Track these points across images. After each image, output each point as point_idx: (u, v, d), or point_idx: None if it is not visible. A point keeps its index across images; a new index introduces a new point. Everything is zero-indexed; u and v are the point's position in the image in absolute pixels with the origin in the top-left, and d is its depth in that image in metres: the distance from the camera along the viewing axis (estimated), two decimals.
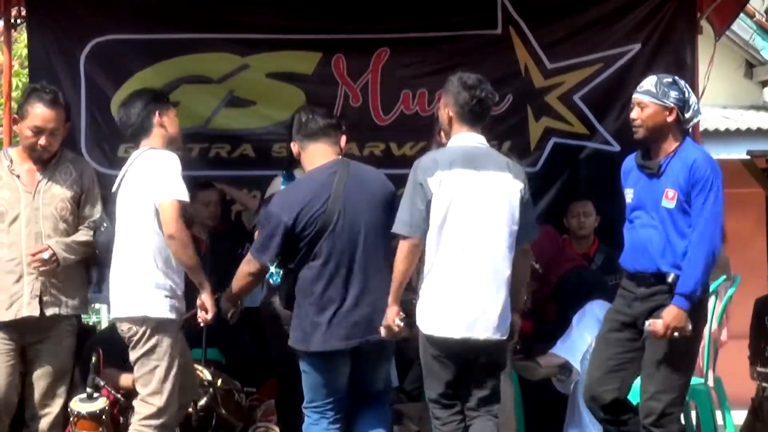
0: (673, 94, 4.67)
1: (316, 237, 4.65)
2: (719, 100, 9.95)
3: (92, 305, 9.99)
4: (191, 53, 6.88)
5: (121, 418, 5.26)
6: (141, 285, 4.70)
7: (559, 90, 6.89)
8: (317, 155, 4.82)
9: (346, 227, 4.66)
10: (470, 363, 4.60)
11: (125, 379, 5.38)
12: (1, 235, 4.98)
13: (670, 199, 4.65)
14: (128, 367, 5.50)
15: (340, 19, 6.84)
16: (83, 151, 6.84)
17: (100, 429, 5.09)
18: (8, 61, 7.13)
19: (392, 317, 4.54)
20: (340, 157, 4.85)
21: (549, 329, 5.97)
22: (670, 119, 4.66)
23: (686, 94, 4.71)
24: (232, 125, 6.93)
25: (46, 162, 5.05)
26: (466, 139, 4.67)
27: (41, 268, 4.94)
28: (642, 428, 4.69)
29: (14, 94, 8.39)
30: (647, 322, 4.57)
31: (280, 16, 6.85)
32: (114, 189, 4.90)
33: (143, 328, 4.69)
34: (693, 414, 5.76)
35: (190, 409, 5.29)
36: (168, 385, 4.70)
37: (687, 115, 4.69)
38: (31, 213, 4.98)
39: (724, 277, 5.50)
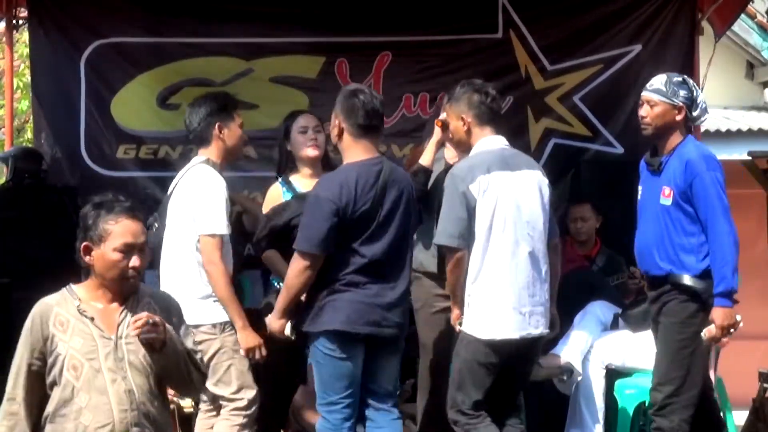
0: (683, 92, 4.73)
1: (362, 223, 4.57)
2: (720, 101, 9.95)
3: None
4: (194, 56, 6.93)
5: None
6: (190, 293, 4.67)
7: (559, 91, 6.93)
8: (363, 150, 4.70)
9: (384, 219, 4.60)
10: (514, 366, 4.72)
11: None
12: (79, 396, 3.53)
13: (666, 197, 4.72)
14: None
15: (343, 24, 6.89)
16: (83, 153, 6.89)
17: None
18: (10, 61, 7.17)
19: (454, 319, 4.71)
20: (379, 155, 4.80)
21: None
22: (678, 118, 4.74)
23: (694, 93, 4.79)
24: None
25: (125, 297, 3.63)
26: (492, 142, 4.72)
27: (146, 335, 3.50)
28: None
29: (15, 95, 8.45)
30: (702, 334, 4.70)
31: (284, 21, 6.90)
32: (169, 192, 4.92)
33: (199, 335, 4.58)
34: None
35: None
36: (249, 378, 4.72)
37: (695, 114, 4.77)
38: (115, 365, 3.54)
39: None
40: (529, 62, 6.91)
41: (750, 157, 7.55)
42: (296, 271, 4.56)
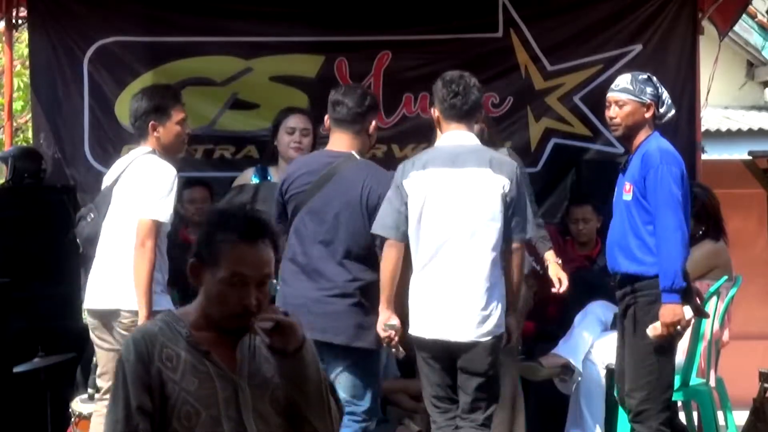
0: (649, 90, 4.72)
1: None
2: (721, 101, 9.96)
3: None
4: (195, 56, 6.92)
5: None
6: (130, 282, 4.65)
7: (559, 91, 6.93)
8: (333, 142, 4.76)
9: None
10: (453, 366, 4.54)
11: None
12: None
13: (627, 192, 4.69)
14: None
15: (342, 23, 6.89)
16: (87, 153, 6.89)
17: None
18: (9, 62, 7.17)
19: (381, 323, 4.53)
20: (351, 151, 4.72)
21: (551, 330, 5.99)
22: (647, 115, 4.71)
23: (659, 90, 4.76)
24: (236, 127, 6.96)
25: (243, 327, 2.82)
26: (451, 137, 4.60)
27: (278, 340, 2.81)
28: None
29: (15, 94, 8.43)
30: (647, 331, 4.59)
31: (284, 20, 6.89)
32: (109, 184, 4.91)
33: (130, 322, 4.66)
34: (695, 414, 5.78)
35: None
36: None
37: (662, 110, 4.74)
38: (238, 413, 2.77)
39: (725, 277, 5.51)
40: (529, 62, 6.91)
41: (750, 157, 7.55)
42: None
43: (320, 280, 4.59)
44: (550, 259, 5.38)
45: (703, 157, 7.05)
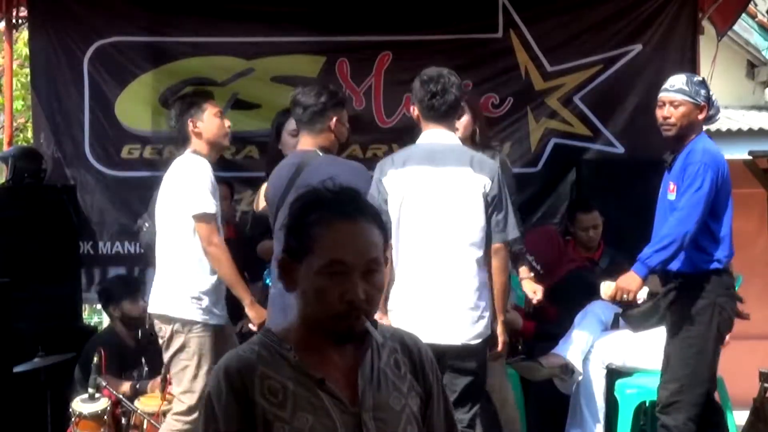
0: (703, 92, 4.76)
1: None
2: (721, 101, 9.80)
3: (93, 305, 10.07)
4: (195, 56, 6.94)
5: (123, 419, 5.29)
6: (171, 286, 4.79)
7: (559, 92, 6.94)
8: (300, 143, 4.77)
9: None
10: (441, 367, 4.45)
11: (124, 387, 5.43)
12: None
13: (671, 192, 4.73)
14: (128, 368, 5.56)
15: (343, 24, 6.91)
16: (87, 153, 6.89)
17: (102, 429, 5.12)
18: (9, 62, 7.17)
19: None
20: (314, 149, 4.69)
21: (550, 329, 5.99)
22: (701, 116, 4.75)
23: (710, 92, 4.81)
24: (237, 127, 6.92)
25: (357, 344, 2.28)
26: (430, 136, 4.51)
27: None
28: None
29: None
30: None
31: (285, 20, 6.90)
32: (158, 191, 5.00)
33: (170, 327, 4.76)
34: None
35: None
36: (198, 384, 4.72)
37: (711, 113, 4.78)
38: None
39: None
40: (529, 62, 6.91)
41: (750, 157, 7.54)
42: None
43: None
44: (524, 275, 5.39)
45: None
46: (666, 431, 4.81)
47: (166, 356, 4.81)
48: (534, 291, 5.26)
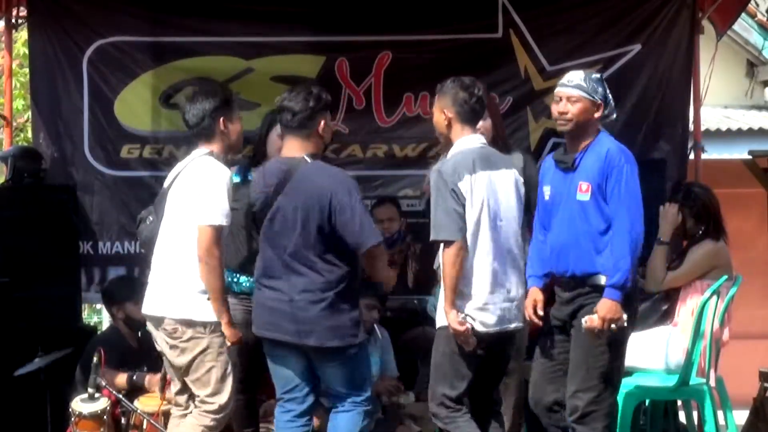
0: (600, 90, 4.70)
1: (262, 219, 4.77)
2: (720, 100, 9.95)
3: (93, 305, 10.08)
4: (195, 56, 6.94)
5: (123, 418, 5.27)
6: (187, 288, 4.68)
7: None
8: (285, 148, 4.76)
9: (277, 220, 4.63)
10: (492, 360, 4.75)
11: (120, 379, 5.43)
12: None
13: (584, 192, 4.64)
14: (127, 368, 5.55)
15: (343, 23, 6.91)
16: (86, 153, 6.90)
17: (101, 429, 5.12)
18: (9, 62, 7.17)
19: (454, 321, 4.60)
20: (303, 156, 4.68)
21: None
22: (597, 115, 4.70)
23: (607, 91, 4.75)
24: None
25: None
26: (473, 140, 4.75)
27: None
28: (570, 427, 4.74)
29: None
30: (583, 320, 4.59)
31: (284, 20, 6.91)
32: (166, 185, 4.85)
33: (190, 330, 4.66)
34: (695, 414, 5.78)
35: None
36: (227, 384, 4.71)
37: (606, 112, 4.74)
38: None
39: (725, 276, 5.50)
40: (528, 62, 6.92)
41: (750, 157, 7.55)
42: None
43: (292, 283, 4.60)
44: None
45: (703, 156, 7.05)
46: None
47: (183, 359, 4.69)
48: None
